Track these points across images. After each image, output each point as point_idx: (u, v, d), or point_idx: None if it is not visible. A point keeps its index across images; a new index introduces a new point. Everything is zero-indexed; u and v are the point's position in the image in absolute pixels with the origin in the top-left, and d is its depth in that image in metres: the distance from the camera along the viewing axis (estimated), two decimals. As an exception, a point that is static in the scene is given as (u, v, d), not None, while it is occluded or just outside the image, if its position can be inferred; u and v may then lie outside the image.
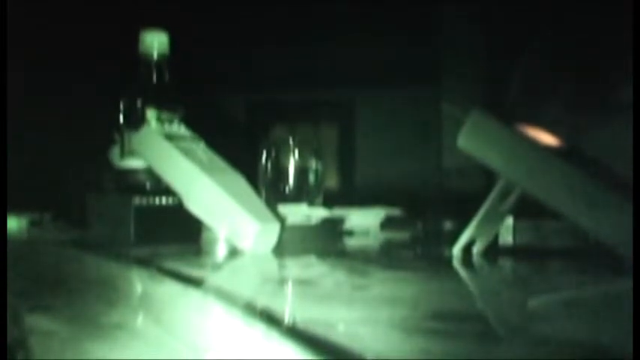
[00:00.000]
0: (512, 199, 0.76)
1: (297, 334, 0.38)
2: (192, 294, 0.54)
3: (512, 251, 0.79)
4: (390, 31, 1.45)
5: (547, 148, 0.73)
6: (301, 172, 1.01)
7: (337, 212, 1.06)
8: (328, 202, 1.06)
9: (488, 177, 0.76)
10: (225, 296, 0.53)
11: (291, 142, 1.02)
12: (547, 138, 0.75)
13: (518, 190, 0.75)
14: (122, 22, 1.08)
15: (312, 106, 1.55)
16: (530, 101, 1.19)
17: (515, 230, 0.79)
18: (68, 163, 1.19)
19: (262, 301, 0.51)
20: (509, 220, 0.79)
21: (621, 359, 0.36)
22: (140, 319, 0.48)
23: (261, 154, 1.02)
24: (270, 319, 0.43)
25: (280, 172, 1.01)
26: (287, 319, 0.44)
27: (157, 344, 0.40)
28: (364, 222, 1.10)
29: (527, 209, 0.77)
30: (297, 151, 1.01)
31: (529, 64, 1.20)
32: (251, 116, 1.53)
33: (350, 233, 1.07)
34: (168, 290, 0.56)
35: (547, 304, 0.55)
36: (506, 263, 0.78)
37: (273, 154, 1.02)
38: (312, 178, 1.02)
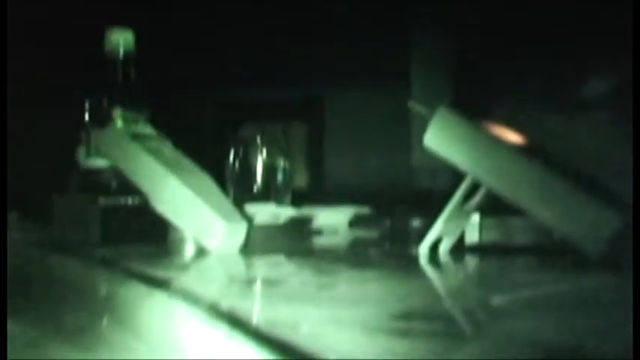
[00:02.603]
0: (478, 197, 0.76)
1: (260, 335, 0.38)
2: (157, 295, 0.54)
3: (479, 249, 0.80)
4: (359, 30, 1.45)
5: (512, 146, 0.73)
6: (269, 170, 1.01)
7: (305, 211, 1.06)
8: (297, 200, 1.06)
9: (458, 175, 0.76)
10: (191, 297, 0.53)
11: (258, 140, 1.02)
12: (512, 135, 0.75)
13: (484, 187, 0.75)
14: (87, 22, 1.07)
15: (281, 105, 1.55)
16: (498, 98, 1.20)
17: (481, 228, 0.80)
18: (34, 163, 1.18)
19: (227, 302, 0.51)
20: (476, 218, 0.79)
21: (584, 356, 0.37)
22: (105, 321, 0.48)
23: (229, 153, 1.02)
24: (234, 320, 0.43)
25: (248, 171, 1.01)
26: (251, 320, 0.44)
27: (121, 346, 0.40)
28: (333, 220, 1.10)
29: (493, 207, 0.77)
30: (264, 150, 1.01)
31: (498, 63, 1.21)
32: (219, 115, 1.53)
33: (318, 232, 1.07)
34: (134, 292, 0.56)
35: (512, 302, 0.56)
36: (472, 261, 0.78)
37: (240, 152, 1.02)
38: (280, 176, 1.02)
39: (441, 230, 0.78)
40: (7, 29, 0.95)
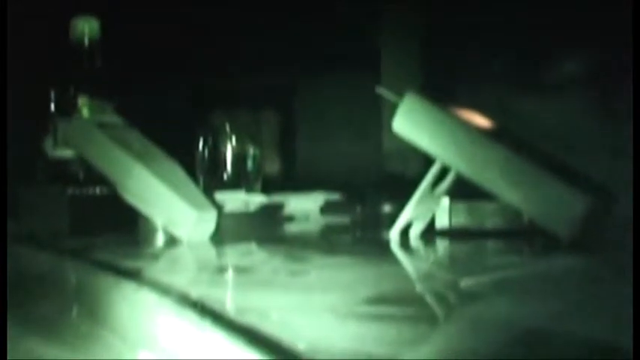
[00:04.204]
0: (447, 181, 0.77)
1: (228, 324, 0.38)
2: (126, 286, 0.53)
3: (449, 233, 0.80)
4: (331, 17, 1.45)
5: (480, 130, 0.74)
6: (239, 158, 1.01)
7: (276, 198, 1.06)
8: (268, 187, 1.05)
9: (429, 160, 0.77)
10: (161, 287, 0.52)
11: (228, 128, 1.01)
12: (480, 119, 0.76)
13: (453, 172, 0.75)
14: (53, 10, 1.06)
15: (252, 92, 1.54)
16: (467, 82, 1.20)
17: (451, 212, 0.80)
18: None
19: (198, 291, 0.51)
20: (445, 202, 0.80)
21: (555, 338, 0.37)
22: (74, 313, 0.48)
23: (199, 140, 1.01)
24: (204, 309, 0.42)
25: (218, 159, 1.00)
26: (220, 309, 0.44)
27: (90, 338, 0.39)
28: (304, 207, 1.10)
29: (462, 191, 0.78)
30: (234, 137, 1.00)
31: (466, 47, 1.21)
32: (189, 103, 1.52)
33: (290, 219, 1.07)
34: (103, 282, 0.56)
35: (482, 285, 0.56)
36: (442, 245, 0.79)
37: (210, 140, 1.01)
38: (250, 164, 1.02)
39: (411, 215, 0.78)
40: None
